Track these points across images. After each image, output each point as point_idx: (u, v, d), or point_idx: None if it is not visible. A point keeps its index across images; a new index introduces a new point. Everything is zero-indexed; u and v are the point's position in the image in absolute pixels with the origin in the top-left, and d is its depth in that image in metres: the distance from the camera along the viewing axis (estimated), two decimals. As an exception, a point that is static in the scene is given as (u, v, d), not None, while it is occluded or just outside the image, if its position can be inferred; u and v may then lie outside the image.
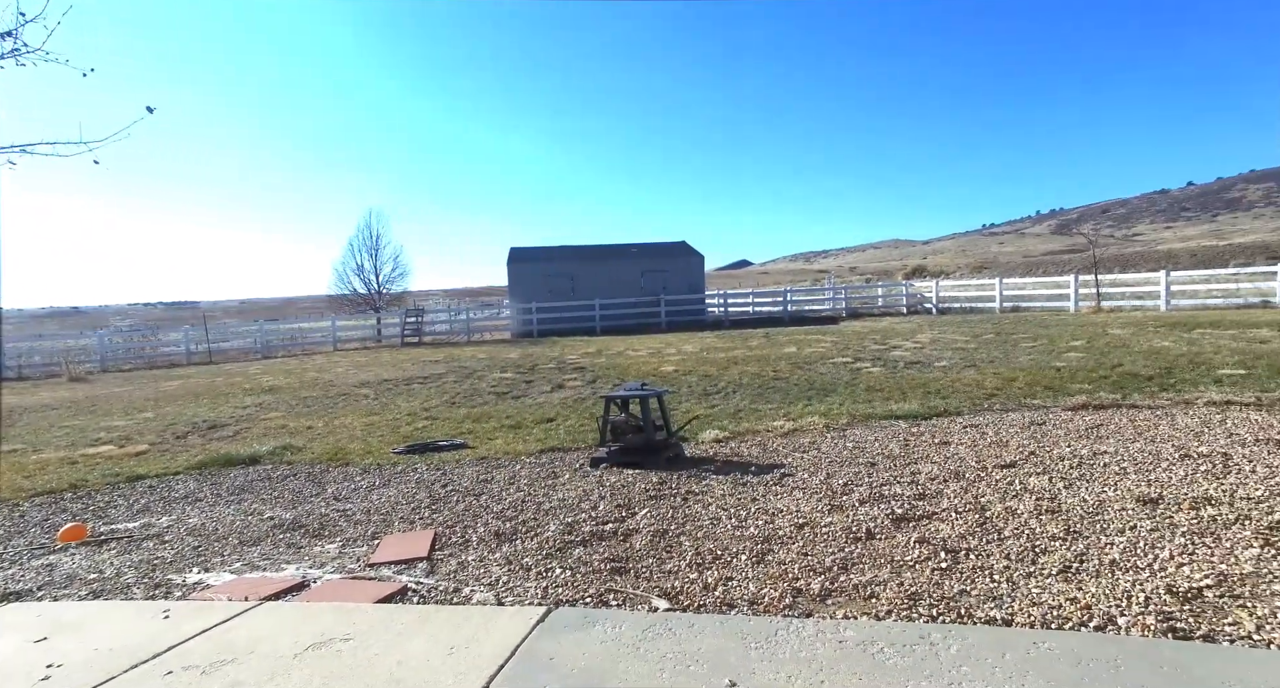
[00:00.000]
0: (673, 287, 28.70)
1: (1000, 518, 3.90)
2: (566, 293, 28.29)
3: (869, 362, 11.54)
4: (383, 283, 33.23)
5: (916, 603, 2.89)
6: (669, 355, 14.58)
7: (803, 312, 28.73)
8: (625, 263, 29.70)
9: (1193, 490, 4.15)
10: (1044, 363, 10.03)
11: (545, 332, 25.59)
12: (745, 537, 3.83)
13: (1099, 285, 21.37)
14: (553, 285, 28.64)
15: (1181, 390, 7.39)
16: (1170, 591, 2.86)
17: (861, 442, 6.06)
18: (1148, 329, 13.90)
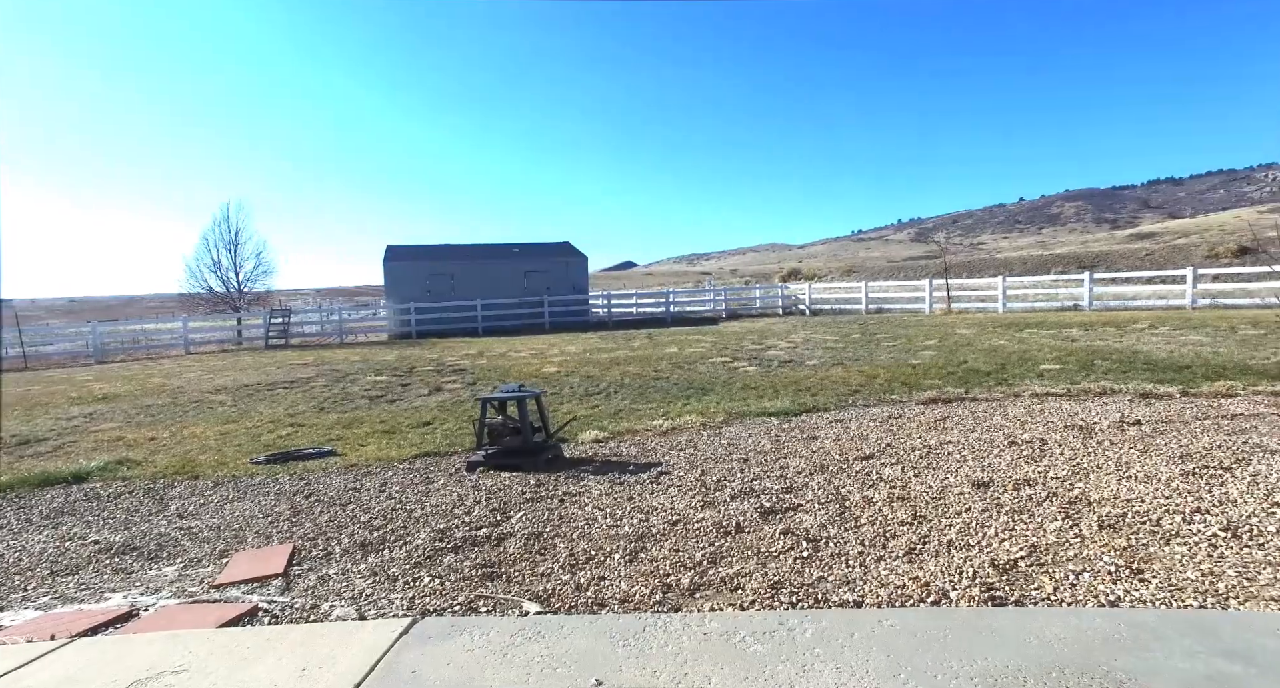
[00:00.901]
0: (556, 287, 28.54)
1: (858, 507, 4.18)
2: (447, 293, 27.42)
3: (746, 361, 12.01)
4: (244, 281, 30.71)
5: (778, 592, 3.03)
6: (552, 356, 14.49)
7: (685, 312, 29.45)
8: (508, 263, 29.21)
9: (1016, 473, 4.63)
10: (902, 361, 10.85)
11: (425, 333, 24.67)
12: (620, 536, 3.87)
13: (949, 289, 23.43)
14: (432, 285, 27.66)
15: (1012, 384, 8.23)
16: (993, 564, 3.18)
17: (736, 439, 6.29)
18: (988, 329, 15.40)
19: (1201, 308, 17.58)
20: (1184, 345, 10.86)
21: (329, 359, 16.71)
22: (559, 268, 29.55)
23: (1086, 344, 11.67)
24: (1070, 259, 44.76)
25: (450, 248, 31.35)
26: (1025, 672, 2.18)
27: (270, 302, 32.32)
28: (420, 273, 27.80)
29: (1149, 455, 4.89)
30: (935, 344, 12.87)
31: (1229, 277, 19.65)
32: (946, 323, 18.09)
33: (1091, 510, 3.84)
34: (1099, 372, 8.77)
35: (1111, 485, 4.26)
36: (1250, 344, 10.43)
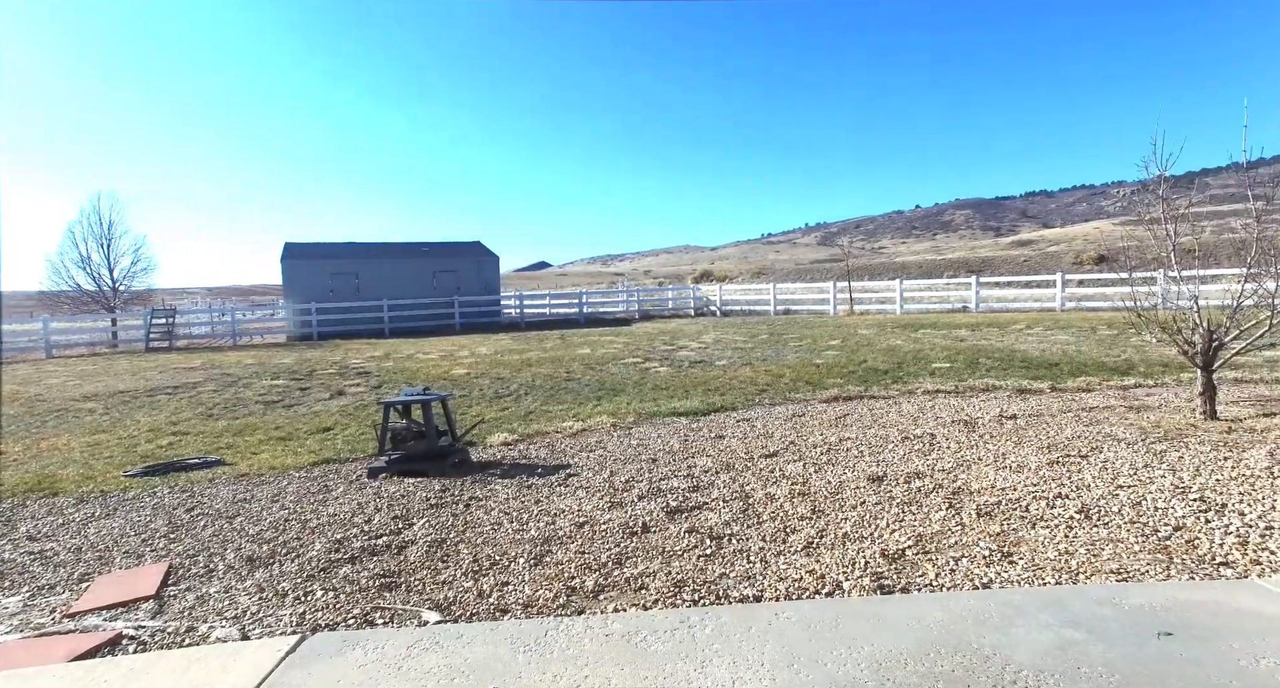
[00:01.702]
0: (467, 287, 27.89)
1: (761, 504, 4.31)
2: (351, 293, 26.26)
3: (658, 362, 12.14)
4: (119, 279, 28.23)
5: (681, 590, 3.08)
6: (462, 358, 14.15)
7: (598, 313, 29.46)
8: (416, 262, 28.28)
9: (907, 467, 4.91)
10: (807, 360, 11.26)
11: (327, 334, 23.53)
12: (525, 540, 3.82)
13: (852, 292, 24.53)
14: (336, 284, 26.41)
15: (907, 383, 8.71)
16: (883, 554, 3.35)
17: (646, 439, 6.35)
18: (887, 330, 16.23)
19: (1069, 310, 19.19)
20: (1054, 345, 11.83)
21: (220, 362, 15.65)
22: (470, 268, 28.88)
23: (973, 344, 12.51)
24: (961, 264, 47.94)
25: (355, 246, 30.04)
26: (906, 654, 2.31)
27: (152, 301, 29.87)
28: (322, 271, 26.47)
29: (1022, 447, 5.29)
30: (838, 344, 13.44)
31: (1090, 282, 21.56)
32: (849, 324, 18.94)
33: (971, 500, 4.11)
34: (983, 370, 9.42)
35: (989, 476, 4.59)
36: (1106, 343, 11.48)
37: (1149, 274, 7.59)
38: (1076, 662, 2.20)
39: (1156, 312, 6.59)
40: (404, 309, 25.24)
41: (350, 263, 27.38)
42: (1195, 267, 7.13)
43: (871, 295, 25.34)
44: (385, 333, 23.61)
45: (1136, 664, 2.17)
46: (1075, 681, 2.11)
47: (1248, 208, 6.31)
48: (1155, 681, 2.08)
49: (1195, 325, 6.05)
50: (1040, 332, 14.23)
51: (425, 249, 30.04)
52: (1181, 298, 6.34)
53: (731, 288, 32.37)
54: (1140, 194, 6.79)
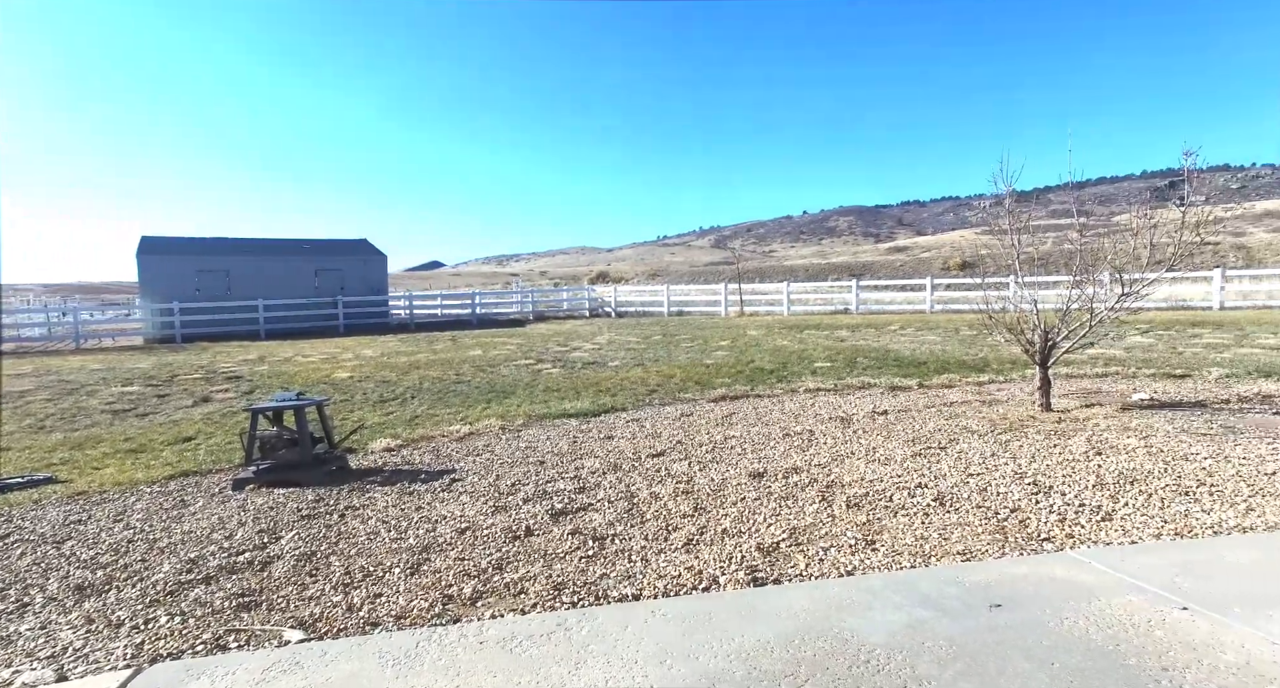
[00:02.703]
0: (353, 287, 26.54)
1: (645, 503, 4.36)
2: (220, 292, 24.34)
3: (550, 363, 12.05)
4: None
5: (561, 592, 3.07)
6: (345, 361, 13.46)
7: (492, 314, 28.90)
8: (296, 260, 26.60)
9: (787, 463, 5.13)
10: (698, 361, 11.53)
11: (193, 336, 21.68)
12: (403, 548, 3.68)
13: (742, 294, 25.38)
14: (203, 282, 24.39)
15: (791, 381, 9.10)
16: (759, 548, 3.49)
17: (535, 441, 6.28)
18: (775, 331, 16.90)
19: (937, 312, 20.75)
20: (923, 345, 12.75)
21: (57, 368, 14.05)
22: (356, 266, 27.52)
23: (852, 344, 13.26)
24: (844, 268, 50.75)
25: (224, 241, 27.86)
26: (774, 643, 2.41)
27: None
28: (186, 268, 24.35)
29: (890, 441, 5.66)
30: (728, 345, 13.86)
31: (956, 286, 23.40)
32: (740, 324, 19.58)
33: (843, 492, 4.35)
34: (860, 368, 10.00)
35: (860, 469, 4.87)
36: (967, 343, 12.51)
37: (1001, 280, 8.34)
38: (922, 638, 2.38)
39: (1005, 314, 7.24)
40: (282, 310, 23.69)
41: (219, 259, 25.38)
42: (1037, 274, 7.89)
43: (761, 297, 26.32)
44: (261, 335, 22.07)
45: (971, 635, 2.37)
46: (920, 654, 2.28)
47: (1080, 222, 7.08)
48: (985, 648, 2.29)
49: (1035, 327, 6.70)
50: (912, 332, 15.29)
51: (306, 246, 28.35)
52: (1024, 302, 7.01)
53: (626, 289, 32.65)
54: (995, 207, 7.44)
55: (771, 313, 24.29)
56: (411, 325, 24.76)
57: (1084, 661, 2.20)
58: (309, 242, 29.22)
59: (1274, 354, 10.01)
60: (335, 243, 29.82)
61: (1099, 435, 5.47)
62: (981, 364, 9.81)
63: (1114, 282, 6.66)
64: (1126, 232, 7.25)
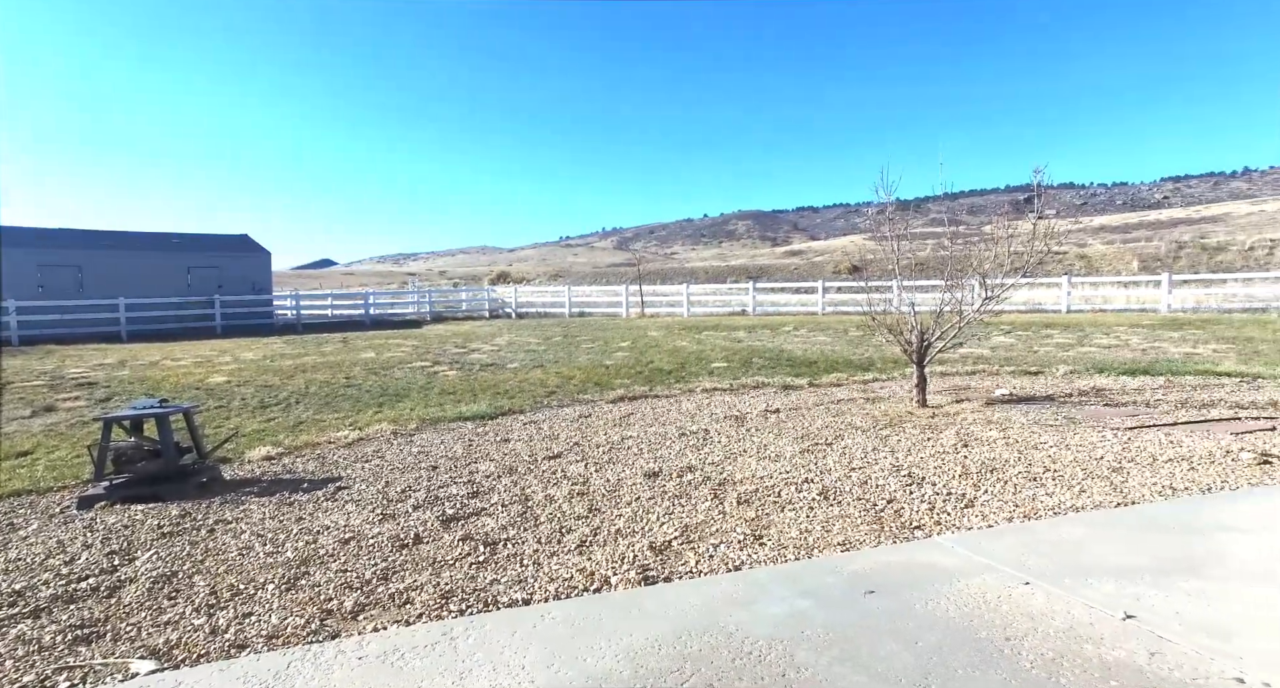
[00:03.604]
0: (232, 286, 24.71)
1: (540, 506, 4.32)
2: (70, 289, 22.00)
3: (447, 365, 11.71)
4: None
5: (449, 601, 2.98)
6: (222, 364, 12.51)
7: (387, 315, 27.75)
8: (165, 256, 24.44)
9: (682, 462, 5.22)
10: (598, 362, 11.53)
11: (34, 338, 19.43)
12: (279, 563, 3.46)
13: (643, 295, 25.64)
14: (47, 278, 21.95)
15: (689, 382, 9.28)
16: (651, 547, 3.53)
17: (428, 446, 6.09)
18: (674, 332, 17.17)
19: (828, 314, 21.77)
20: (815, 345, 13.34)
21: None
22: (235, 264, 25.63)
23: (748, 345, 13.68)
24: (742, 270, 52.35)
25: (73, 234, 25.14)
26: (662, 640, 2.44)
27: None
28: (24, 262, 21.76)
29: (781, 438, 5.88)
30: (628, 346, 13.95)
31: (846, 289, 24.65)
32: (640, 326, 19.76)
33: (734, 489, 4.48)
34: (755, 368, 10.33)
35: (752, 466, 5.03)
36: (855, 343, 13.21)
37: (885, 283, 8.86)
38: (802, 627, 2.48)
39: (886, 316, 7.70)
40: (147, 309, 21.71)
41: (68, 253, 22.91)
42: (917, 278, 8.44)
43: (662, 299, 26.70)
44: (122, 337, 20.13)
45: (847, 622, 2.50)
46: (799, 643, 2.37)
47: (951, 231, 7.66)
48: (859, 633, 2.42)
49: (912, 328, 7.16)
50: (805, 333, 15.96)
51: (176, 241, 26.13)
52: (904, 305, 7.48)
53: (528, 290, 32.27)
54: (879, 215, 7.91)
55: (672, 314, 24.68)
56: (299, 327, 23.34)
57: (943, 637, 2.36)
58: (180, 236, 26.93)
59: (1107, 352, 11.20)
60: (211, 238, 27.67)
61: (966, 429, 5.92)
62: (867, 363, 10.38)
63: (980, 286, 7.24)
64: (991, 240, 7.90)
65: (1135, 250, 42.03)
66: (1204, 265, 36.19)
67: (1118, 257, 41.35)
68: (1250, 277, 22.16)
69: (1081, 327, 15.52)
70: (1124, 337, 13.51)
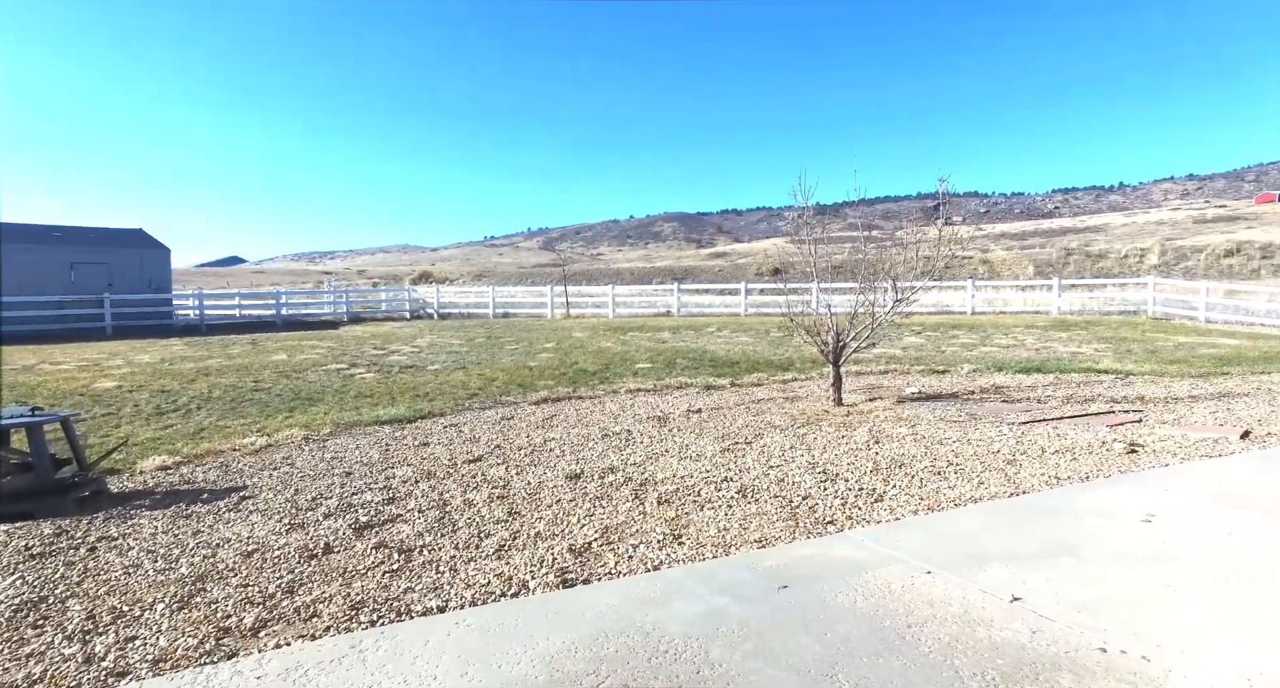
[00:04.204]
0: (125, 284, 22.97)
1: (459, 511, 4.22)
2: (-68, 285, 19.94)
3: (365, 367, 11.30)
4: None
5: (359, 612, 2.87)
6: (112, 368, 11.63)
7: (301, 315, 26.52)
8: (44, 250, 22.42)
9: (604, 463, 5.22)
10: (521, 363, 11.39)
11: (-107, 340, 17.54)
12: (171, 580, 3.24)
13: (569, 296, 25.52)
14: (-94, 273, 19.82)
15: (613, 382, 9.29)
16: (571, 549, 3.51)
17: (341, 451, 5.85)
18: (599, 332, 17.17)
19: (751, 315, 22.29)
20: (737, 345, 13.62)
21: None
22: (129, 260, 23.84)
23: (672, 345, 13.83)
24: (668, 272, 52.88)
25: (-65, 224, 22.81)
26: (578, 643, 2.43)
27: None
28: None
29: (702, 438, 5.97)
30: (553, 347, 13.85)
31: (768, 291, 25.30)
32: (565, 326, 19.65)
33: (655, 489, 4.51)
34: (679, 369, 10.44)
35: (673, 466, 5.08)
36: (776, 343, 13.57)
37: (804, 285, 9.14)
38: (717, 624, 2.52)
39: (805, 317, 7.95)
40: (23, 308, 19.95)
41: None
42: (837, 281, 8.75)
43: (588, 300, 26.66)
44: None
45: (761, 617, 2.56)
46: (714, 640, 2.41)
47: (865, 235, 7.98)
48: (771, 627, 2.48)
49: (829, 329, 7.42)
50: (728, 334, 16.27)
51: (58, 234, 24.07)
52: (822, 307, 7.74)
53: (451, 290, 31.58)
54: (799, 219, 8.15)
55: (598, 315, 24.68)
56: (202, 328, 21.96)
57: (851, 628, 2.45)
58: (62, 229, 24.81)
59: (1005, 352, 11.95)
60: (99, 232, 25.63)
61: (878, 426, 6.18)
62: (787, 363, 10.68)
63: (892, 289, 7.58)
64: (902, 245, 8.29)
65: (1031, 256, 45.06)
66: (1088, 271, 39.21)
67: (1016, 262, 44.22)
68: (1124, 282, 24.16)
69: (984, 328, 16.50)
70: (1020, 337, 14.45)
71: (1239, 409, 6.66)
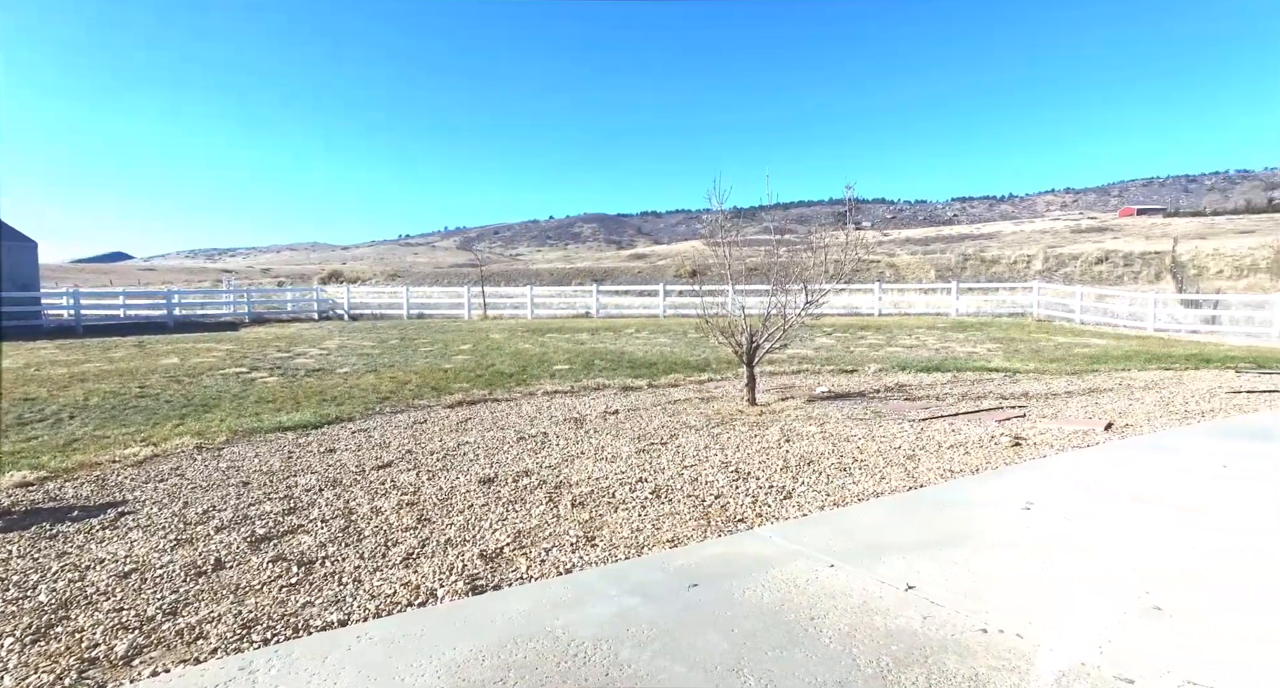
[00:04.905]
0: (-15, 280, 20.89)
1: (365, 519, 4.06)
2: None
3: (267, 371, 10.71)
4: None
5: (251, 630, 2.71)
6: (-30, 374, 10.52)
7: (196, 317, 24.83)
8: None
9: (519, 467, 5.14)
10: (436, 365, 11.09)
11: None
12: (27, 610, 2.95)
13: (486, 296, 25.05)
14: None
15: (530, 384, 9.18)
16: (481, 555, 3.44)
17: (239, 460, 5.51)
18: (517, 334, 16.94)
19: (669, 316, 22.54)
20: (655, 347, 13.74)
21: None
22: (-11, 254, 21.69)
23: (591, 347, 13.80)
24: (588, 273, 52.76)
25: None
26: (486, 651, 2.38)
27: None
28: None
29: (619, 439, 5.98)
30: (470, 349, 13.56)
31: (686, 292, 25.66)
32: (483, 328, 19.28)
33: (570, 492, 4.48)
34: (597, 370, 10.43)
35: (589, 468, 5.06)
36: (693, 344, 13.78)
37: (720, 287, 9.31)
38: (628, 625, 2.53)
39: (719, 319, 8.10)
40: None
41: None
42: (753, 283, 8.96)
43: (506, 301, 26.27)
44: None
45: (671, 616, 2.59)
46: (624, 641, 2.42)
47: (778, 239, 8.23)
48: (681, 625, 2.51)
49: (743, 330, 7.60)
50: (646, 335, 16.40)
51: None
52: (737, 308, 7.92)
53: (363, 290, 30.41)
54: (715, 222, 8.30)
55: (516, 316, 24.35)
56: (79, 329, 20.18)
57: (757, 623, 2.51)
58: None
59: (909, 352, 12.60)
60: (-46, 223, 23.21)
61: (789, 425, 6.37)
62: (704, 364, 10.86)
63: (803, 291, 7.83)
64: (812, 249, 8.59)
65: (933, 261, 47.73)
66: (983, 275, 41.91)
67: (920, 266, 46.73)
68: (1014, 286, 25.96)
69: (890, 329, 17.33)
70: (923, 338, 15.27)
71: (1105, 403, 7.27)
